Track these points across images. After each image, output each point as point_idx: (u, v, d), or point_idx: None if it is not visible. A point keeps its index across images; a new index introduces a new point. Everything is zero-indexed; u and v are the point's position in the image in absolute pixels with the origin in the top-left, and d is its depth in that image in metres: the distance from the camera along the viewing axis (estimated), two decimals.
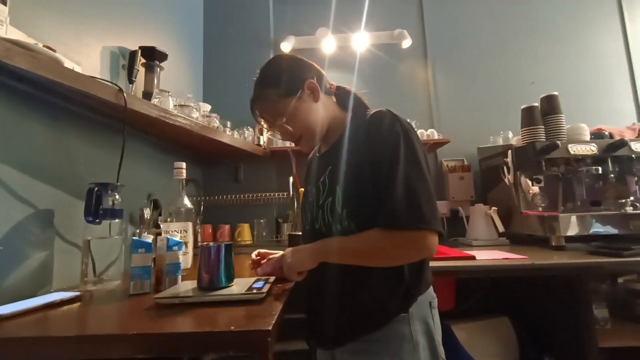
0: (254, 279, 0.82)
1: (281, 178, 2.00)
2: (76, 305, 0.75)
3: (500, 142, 1.82)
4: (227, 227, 1.84)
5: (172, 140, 1.51)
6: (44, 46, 0.80)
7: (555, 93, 1.52)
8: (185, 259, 0.94)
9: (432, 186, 0.69)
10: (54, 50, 0.81)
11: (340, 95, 0.88)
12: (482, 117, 2.03)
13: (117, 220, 0.96)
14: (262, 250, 0.96)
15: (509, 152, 1.57)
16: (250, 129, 1.89)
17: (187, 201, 0.98)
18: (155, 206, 1.39)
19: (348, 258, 0.71)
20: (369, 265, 0.70)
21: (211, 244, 0.75)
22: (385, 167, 0.68)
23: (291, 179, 1.79)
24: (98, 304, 0.76)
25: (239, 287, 0.76)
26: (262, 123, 0.87)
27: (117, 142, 1.03)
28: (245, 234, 1.84)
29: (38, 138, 0.91)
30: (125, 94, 0.96)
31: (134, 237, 0.85)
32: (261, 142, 1.90)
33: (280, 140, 1.94)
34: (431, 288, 0.78)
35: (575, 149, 1.41)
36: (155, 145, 1.46)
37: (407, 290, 0.72)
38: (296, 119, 0.80)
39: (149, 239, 0.87)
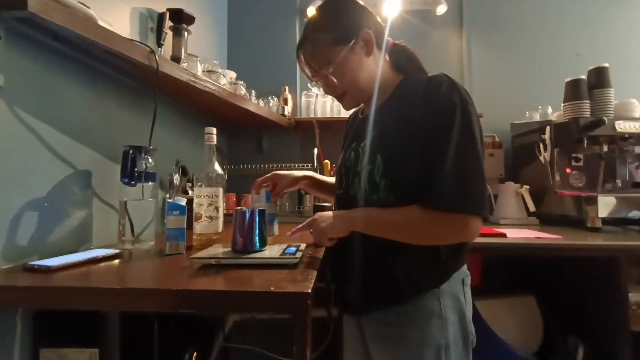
0: (285, 245, 0.82)
1: (305, 149, 1.98)
2: (117, 261, 0.78)
3: (537, 117, 1.72)
4: (250, 196, 1.86)
5: (198, 107, 1.50)
6: (79, 2, 0.78)
7: (606, 65, 1.40)
8: (216, 223, 0.96)
9: (483, 165, 0.64)
10: (88, 7, 0.80)
11: (396, 53, 0.80)
12: (519, 91, 1.91)
13: (150, 183, 0.98)
14: (279, 172, 0.96)
15: (547, 128, 1.48)
16: (275, 99, 1.85)
17: (217, 167, 0.98)
18: (184, 172, 1.41)
19: (384, 232, 0.68)
20: (405, 242, 0.67)
21: (245, 208, 0.75)
22: (438, 141, 0.63)
23: (315, 150, 1.77)
24: (137, 261, 0.79)
25: (271, 251, 0.76)
26: (306, 70, 0.81)
27: (147, 106, 1.03)
28: None
29: (77, 99, 0.91)
30: (157, 56, 0.94)
31: (169, 200, 0.86)
32: (286, 112, 1.87)
33: (304, 112, 1.92)
34: (465, 265, 0.76)
35: (622, 127, 1.32)
36: (181, 111, 1.46)
37: (442, 268, 0.70)
38: (344, 71, 0.74)
39: (183, 201, 0.88)
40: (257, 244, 0.76)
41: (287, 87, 1.92)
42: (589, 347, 1.22)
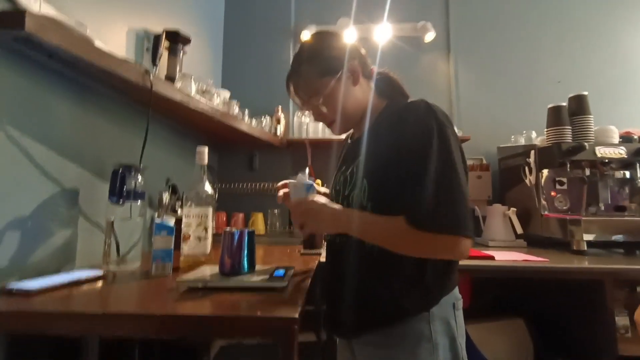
0: (274, 267, 0.81)
1: (296, 168, 1.99)
2: (100, 283, 0.76)
3: (522, 141, 1.78)
4: (241, 215, 1.85)
5: (190, 125, 1.51)
6: (77, 21, 0.80)
7: (585, 93, 1.47)
8: (204, 244, 0.94)
9: (466, 186, 0.65)
10: (85, 26, 0.81)
11: (381, 81, 0.84)
12: (504, 116, 1.98)
13: (139, 202, 0.97)
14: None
15: (532, 152, 1.53)
16: (268, 118, 1.88)
17: (208, 186, 0.98)
18: (174, 191, 1.40)
19: (370, 239, 0.69)
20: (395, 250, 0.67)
21: (234, 229, 0.75)
22: (417, 164, 0.65)
23: (307, 170, 1.78)
24: (121, 284, 0.77)
25: (260, 274, 0.75)
26: (296, 100, 0.85)
27: (139, 124, 1.03)
28: (258, 223, 1.84)
29: (66, 116, 0.91)
30: (151, 76, 0.96)
31: (157, 220, 0.85)
32: (278, 132, 1.89)
33: (296, 132, 1.94)
34: (457, 289, 0.76)
35: (602, 152, 1.37)
36: (173, 129, 1.46)
37: (428, 291, 0.70)
38: (332, 101, 0.78)
39: (171, 221, 0.87)
40: (246, 266, 0.75)
41: (280, 107, 1.95)
42: None
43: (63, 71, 0.88)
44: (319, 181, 0.78)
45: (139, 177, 0.98)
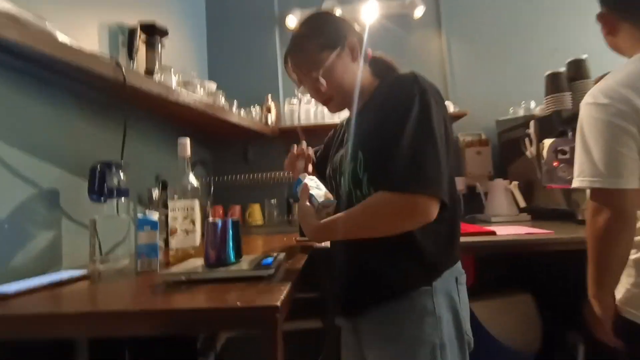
0: (262, 255, 0.78)
1: None
2: (84, 283, 0.74)
3: (522, 113, 1.72)
4: (237, 207, 1.82)
5: (177, 120, 1.48)
6: (38, 17, 0.76)
7: (584, 56, 1.40)
8: (192, 237, 0.92)
9: (443, 151, 0.64)
10: (45, 21, 0.77)
11: (376, 63, 0.84)
12: (501, 89, 1.91)
13: (123, 199, 0.94)
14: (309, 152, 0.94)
15: (532, 122, 1.47)
16: (257, 108, 1.83)
17: (192, 178, 0.95)
18: (164, 187, 1.38)
19: (352, 230, 0.68)
20: (374, 236, 0.66)
21: (217, 219, 0.72)
22: (396, 129, 0.64)
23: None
24: (106, 282, 0.74)
25: (247, 263, 0.73)
26: (293, 75, 0.84)
27: (120, 120, 1.00)
28: (255, 214, 1.82)
29: (40, 117, 0.88)
30: (123, 69, 0.92)
31: (140, 215, 0.82)
32: (269, 121, 1.85)
33: (288, 119, 1.90)
34: (459, 263, 0.75)
35: None
36: (162, 126, 1.43)
37: (430, 264, 0.69)
38: (331, 75, 0.77)
39: (155, 216, 0.84)
40: (231, 256, 0.72)
41: (270, 95, 1.90)
42: (589, 341, 1.18)
43: (33, 71, 0.85)
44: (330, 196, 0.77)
45: (121, 174, 0.95)
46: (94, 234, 0.87)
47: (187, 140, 0.96)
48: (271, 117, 1.86)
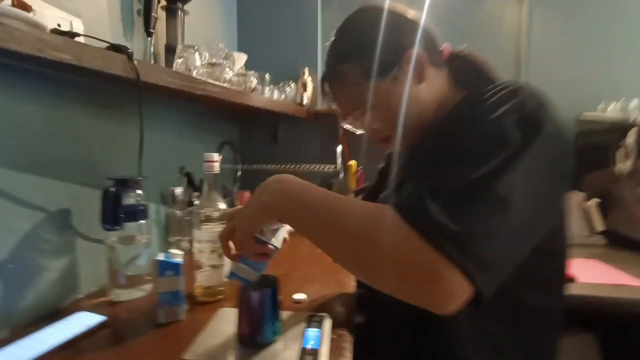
0: (303, 326, 0.64)
1: (326, 145, 1.74)
2: (105, 333, 0.63)
3: (616, 112, 1.39)
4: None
5: (202, 103, 1.28)
6: (16, 4, 0.55)
7: None
8: (220, 272, 0.78)
9: (522, 229, 0.40)
10: (29, 8, 0.57)
11: (458, 62, 0.59)
12: (591, 78, 1.53)
13: (141, 222, 0.80)
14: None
15: (632, 131, 1.18)
16: (293, 85, 1.59)
17: (221, 203, 0.79)
18: (190, 182, 1.24)
19: (316, 211, 0.45)
20: (334, 250, 0.45)
21: (253, 293, 0.56)
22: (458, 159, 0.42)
23: (339, 148, 1.53)
24: (126, 338, 0.63)
25: (286, 342, 0.59)
26: (336, 108, 0.63)
27: (134, 112, 0.83)
28: None
29: (36, 123, 0.71)
30: (136, 63, 0.72)
31: (159, 257, 0.69)
32: (304, 100, 1.61)
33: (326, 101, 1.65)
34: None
35: None
36: (184, 109, 1.24)
37: None
38: (385, 110, 0.55)
39: (178, 257, 0.70)
40: (269, 334, 0.58)
41: (306, 69, 1.65)
42: None
43: (27, 67, 0.67)
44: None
45: (138, 191, 0.80)
46: (113, 259, 0.75)
47: (215, 157, 0.78)
48: (307, 96, 1.62)
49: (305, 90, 1.62)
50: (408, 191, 0.43)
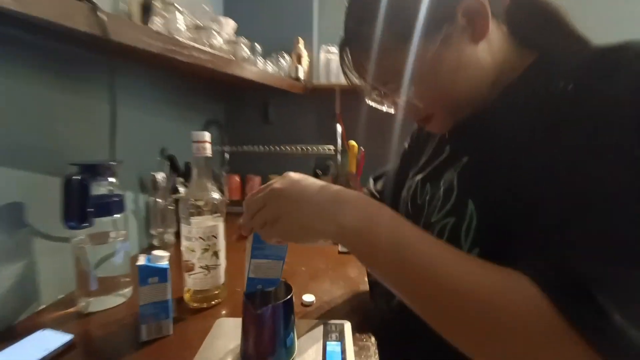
0: (318, 337, 0.54)
1: (322, 121, 1.61)
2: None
3: None
4: (257, 178, 1.54)
5: (185, 74, 1.12)
6: None
7: None
8: (215, 274, 0.67)
9: None
10: None
11: (520, 15, 0.43)
12: None
13: (115, 216, 0.67)
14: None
15: None
16: (287, 57, 1.43)
17: (214, 192, 0.66)
18: (173, 166, 1.09)
19: (415, 275, 0.35)
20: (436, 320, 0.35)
21: (262, 310, 0.45)
22: (595, 179, 0.30)
23: (338, 127, 1.41)
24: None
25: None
26: (357, 80, 0.49)
27: (107, 83, 0.67)
28: None
29: None
30: (105, 15, 0.56)
31: (139, 262, 0.56)
32: (300, 74, 1.46)
33: (323, 74, 1.51)
34: None
35: None
36: (164, 80, 1.08)
37: None
38: (432, 82, 0.42)
39: (164, 260, 0.58)
40: (282, 354, 0.48)
41: (301, 40, 1.48)
42: None
43: None
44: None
45: (111, 179, 0.66)
46: (81, 262, 0.62)
47: (206, 136, 0.65)
48: (302, 69, 1.46)
49: (300, 63, 1.46)
50: (550, 256, 0.30)
